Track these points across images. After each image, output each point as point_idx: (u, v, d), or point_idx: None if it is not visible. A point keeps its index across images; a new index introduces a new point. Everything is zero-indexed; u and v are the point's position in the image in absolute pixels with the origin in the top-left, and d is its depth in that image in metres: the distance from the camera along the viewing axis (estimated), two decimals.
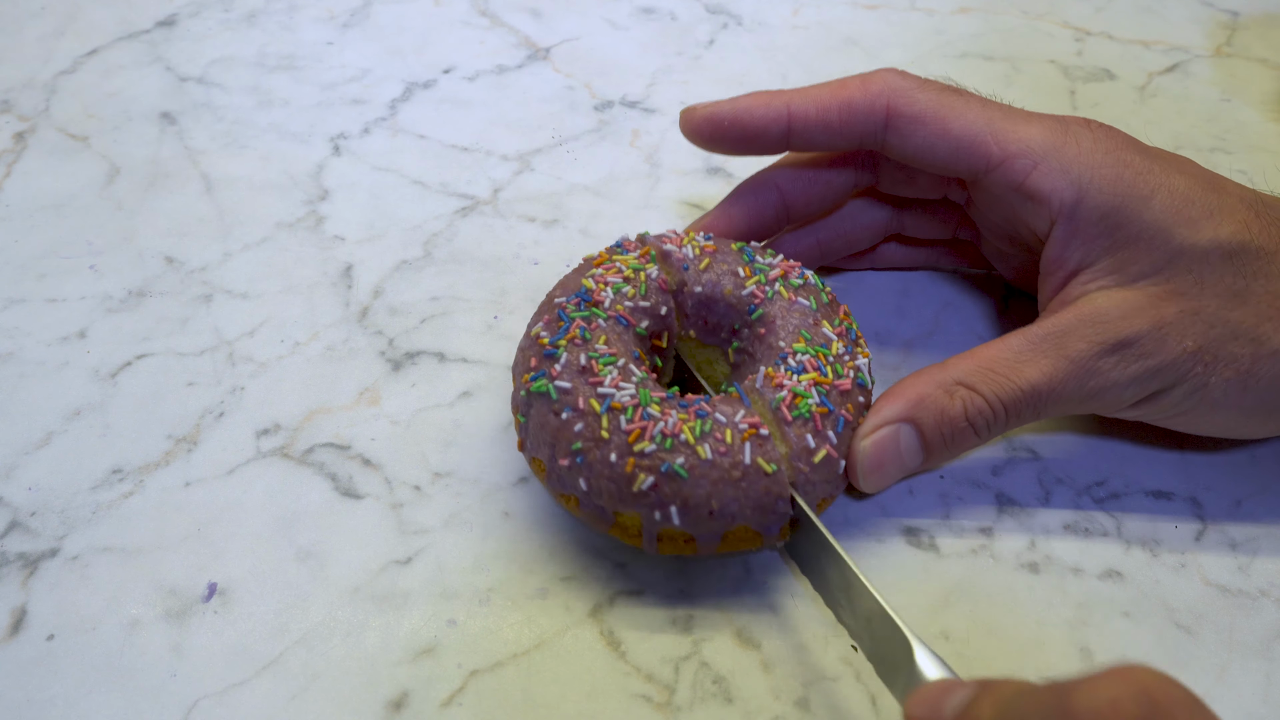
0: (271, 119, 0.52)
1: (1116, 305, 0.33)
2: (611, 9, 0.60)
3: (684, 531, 0.32)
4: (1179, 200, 0.33)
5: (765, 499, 0.31)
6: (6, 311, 0.42)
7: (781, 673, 0.33)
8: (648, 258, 0.36)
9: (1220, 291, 0.33)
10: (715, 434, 0.31)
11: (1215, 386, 0.33)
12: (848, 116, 0.36)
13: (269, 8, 0.59)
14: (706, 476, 0.31)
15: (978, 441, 0.35)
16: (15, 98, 0.53)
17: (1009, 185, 0.35)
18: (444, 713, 0.31)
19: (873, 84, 0.36)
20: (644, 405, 0.32)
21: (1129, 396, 0.34)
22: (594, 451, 0.31)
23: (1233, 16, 0.62)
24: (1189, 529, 0.37)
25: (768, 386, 0.33)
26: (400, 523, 0.36)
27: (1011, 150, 0.35)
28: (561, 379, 0.32)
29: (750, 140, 0.37)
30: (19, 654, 0.32)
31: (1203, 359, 0.33)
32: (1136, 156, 0.34)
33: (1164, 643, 0.34)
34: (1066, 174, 0.34)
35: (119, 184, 0.48)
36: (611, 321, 0.34)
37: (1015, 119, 0.35)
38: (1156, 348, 0.33)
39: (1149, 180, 0.34)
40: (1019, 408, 0.34)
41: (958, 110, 0.35)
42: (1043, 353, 0.34)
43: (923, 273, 0.45)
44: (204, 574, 0.34)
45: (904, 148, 0.36)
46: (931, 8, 0.62)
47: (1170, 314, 0.33)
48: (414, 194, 0.48)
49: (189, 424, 0.39)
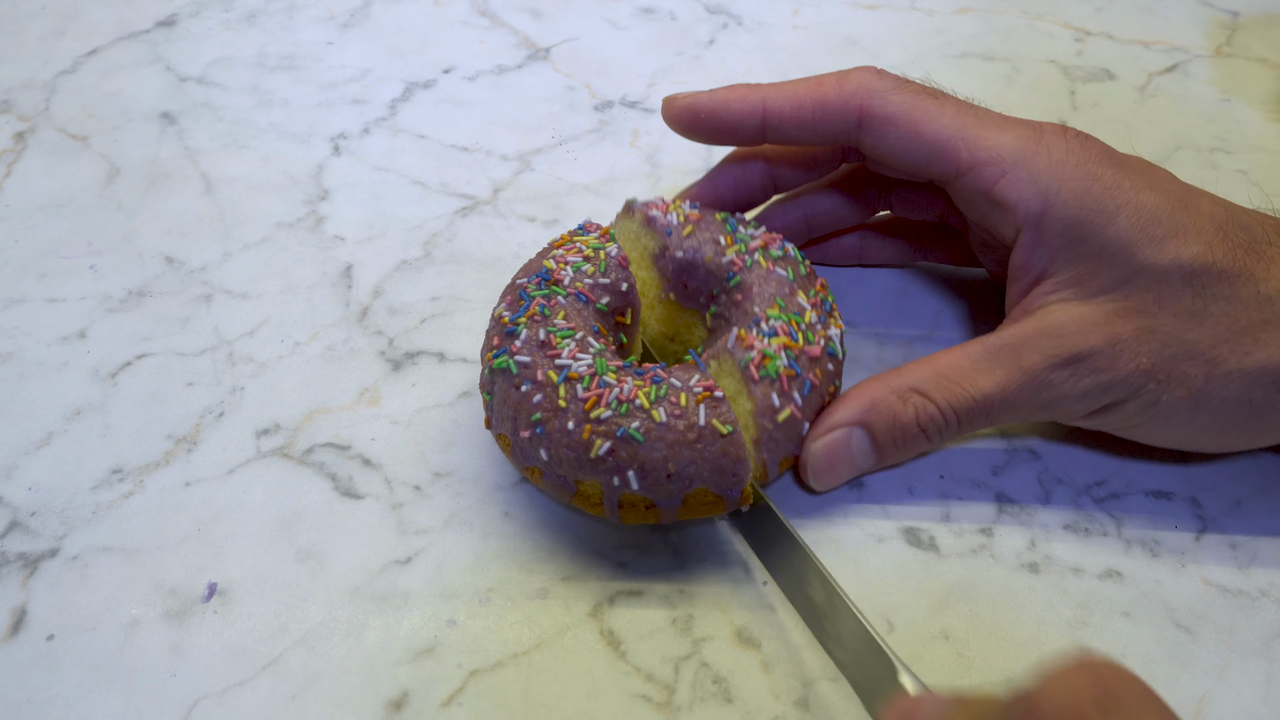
0: (271, 119, 0.52)
1: (1073, 319, 0.34)
2: (611, 9, 0.60)
3: (644, 496, 0.32)
4: (1145, 218, 0.33)
5: (722, 460, 0.32)
6: (6, 311, 0.42)
7: (781, 673, 0.33)
8: (607, 237, 0.37)
9: (1178, 311, 0.33)
10: (670, 398, 0.32)
11: (1167, 404, 0.33)
12: (821, 115, 0.36)
13: (269, 8, 0.59)
14: (662, 439, 0.31)
15: (929, 446, 0.35)
16: (15, 98, 0.53)
17: (977, 191, 0.35)
18: (444, 713, 0.31)
19: (848, 83, 0.36)
20: (600, 374, 0.32)
21: (1081, 409, 0.34)
22: (552, 421, 0.32)
23: (1233, 16, 0.62)
24: (1189, 529, 0.37)
25: (739, 347, 0.34)
26: (400, 523, 0.36)
27: (981, 157, 0.35)
28: (521, 354, 0.33)
29: (727, 132, 0.38)
30: (19, 654, 0.32)
31: (1155, 376, 0.33)
32: (1108, 169, 0.34)
33: (1164, 643, 0.34)
34: (1034, 184, 0.34)
35: (119, 184, 0.48)
36: (571, 298, 0.35)
37: (988, 125, 0.35)
38: (1109, 364, 0.33)
39: (1116, 196, 0.33)
40: (971, 416, 0.34)
41: (931, 114, 0.35)
42: (998, 363, 0.34)
43: (922, 274, 0.45)
44: (204, 574, 0.34)
45: (877, 148, 0.36)
46: (931, 8, 0.62)
47: (1126, 331, 0.33)
48: (414, 194, 0.48)
49: (189, 424, 0.39)
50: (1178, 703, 0.32)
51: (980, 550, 0.36)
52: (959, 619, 0.34)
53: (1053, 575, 0.35)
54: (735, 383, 0.34)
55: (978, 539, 0.36)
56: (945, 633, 0.34)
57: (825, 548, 0.36)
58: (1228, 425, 0.34)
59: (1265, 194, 0.50)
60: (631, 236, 0.39)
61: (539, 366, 0.33)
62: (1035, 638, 0.33)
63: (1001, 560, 0.36)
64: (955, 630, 0.34)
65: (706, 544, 0.36)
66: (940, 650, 0.33)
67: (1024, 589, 0.35)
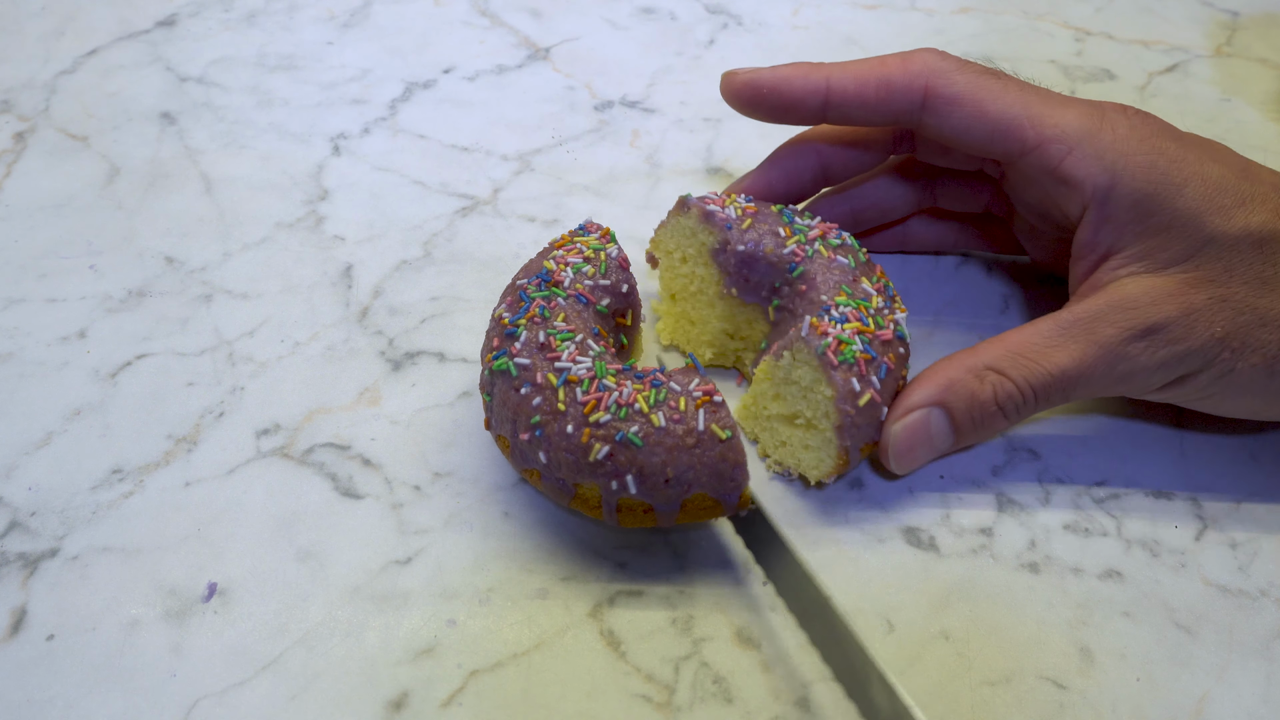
0: (271, 119, 0.52)
1: (1146, 291, 0.34)
2: (611, 9, 0.60)
3: (642, 501, 0.32)
4: (1211, 188, 0.34)
5: (721, 465, 0.32)
6: (6, 311, 0.42)
7: (781, 673, 0.33)
8: (608, 238, 0.37)
9: (1249, 279, 0.33)
10: (670, 402, 0.32)
11: (1242, 372, 0.34)
12: (885, 94, 0.36)
13: (269, 8, 0.59)
14: (661, 444, 0.31)
15: (1007, 425, 0.35)
16: (15, 98, 0.53)
17: (1043, 170, 0.36)
18: (444, 713, 0.31)
19: (913, 63, 0.36)
20: (600, 377, 0.32)
21: (1156, 380, 0.34)
22: (552, 424, 0.32)
23: (1233, 16, 0.62)
24: (1189, 529, 0.37)
25: (813, 334, 0.34)
26: (400, 523, 0.36)
27: (1047, 135, 0.35)
28: (521, 356, 0.33)
29: (787, 109, 0.38)
30: (19, 654, 0.32)
31: (1230, 345, 0.33)
32: (1171, 144, 0.35)
33: (1164, 643, 0.34)
34: (1100, 160, 0.34)
35: (119, 184, 0.48)
36: (571, 300, 0.35)
37: (1052, 103, 0.36)
38: (1185, 334, 0.33)
39: (1183, 169, 0.34)
40: (1048, 392, 0.34)
41: (995, 93, 0.36)
42: (1072, 338, 0.34)
43: (925, 271, 0.45)
44: (204, 574, 0.34)
45: (940, 128, 0.36)
46: (931, 8, 0.62)
47: (1199, 301, 0.33)
48: (414, 194, 0.48)
49: (189, 424, 0.39)
50: (1178, 703, 0.32)
51: (980, 550, 0.36)
52: (959, 619, 0.34)
53: (1053, 575, 0.35)
54: (811, 371, 0.34)
55: (978, 539, 0.36)
56: (945, 633, 0.34)
57: (825, 548, 0.36)
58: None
59: None
60: (687, 233, 0.39)
61: (539, 369, 0.33)
62: (1035, 638, 0.33)
63: (1001, 560, 0.36)
64: (955, 630, 0.34)
65: (707, 545, 0.36)
66: (940, 650, 0.33)
67: (1024, 589, 0.35)
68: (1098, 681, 0.33)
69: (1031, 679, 0.33)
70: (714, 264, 0.38)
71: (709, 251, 0.38)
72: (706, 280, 0.39)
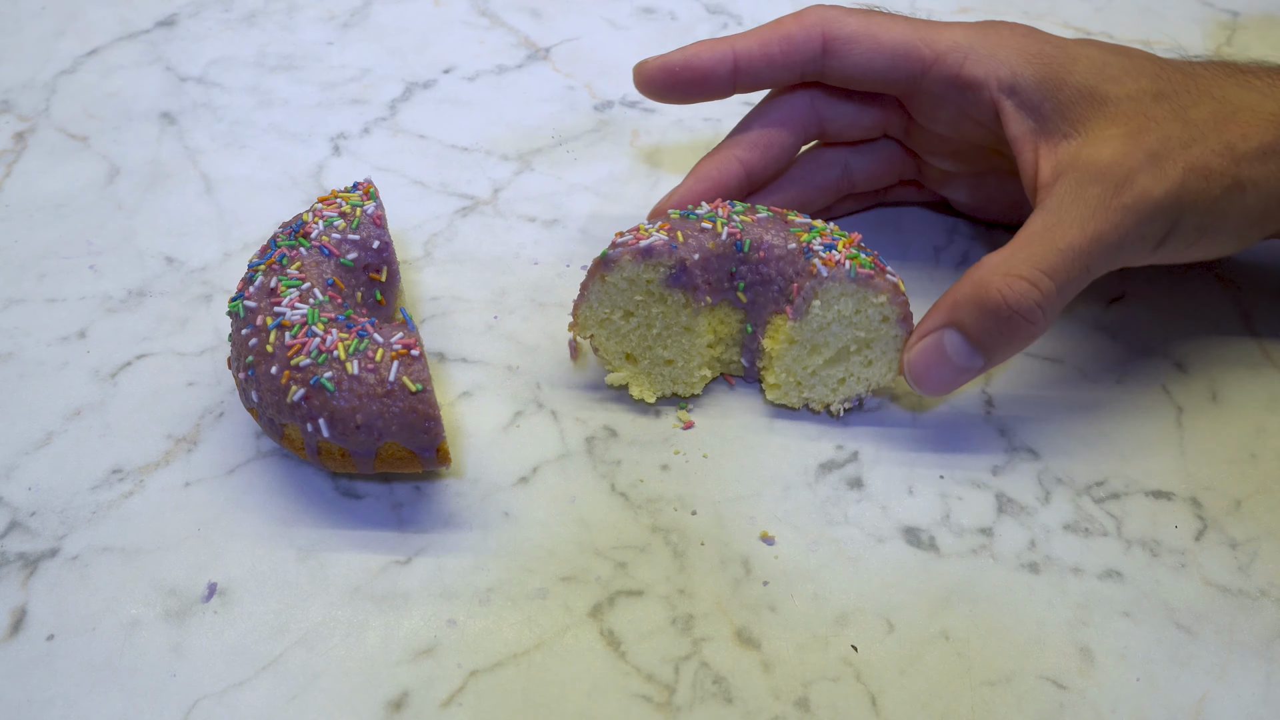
0: (271, 119, 0.52)
1: (1103, 152, 0.35)
2: (611, 9, 0.60)
3: (339, 445, 0.33)
4: (1097, 64, 0.37)
5: (410, 417, 0.33)
6: (6, 311, 0.42)
7: (781, 673, 0.33)
8: (368, 195, 0.39)
9: (1171, 119, 0.35)
10: (367, 352, 0.33)
11: (1220, 202, 0.35)
12: (788, 48, 0.39)
13: (269, 8, 0.59)
14: (353, 391, 0.33)
15: (1034, 327, 0.35)
16: (15, 98, 0.53)
17: (945, 81, 0.38)
18: (444, 713, 0.31)
19: (806, 16, 0.39)
20: (310, 324, 0.34)
21: (1159, 225, 0.35)
22: (261, 365, 0.34)
23: (1233, 16, 0.62)
24: (1189, 529, 0.37)
25: (830, 269, 0.36)
26: (400, 523, 0.36)
27: (941, 49, 0.38)
28: (251, 299, 0.35)
29: (701, 83, 0.40)
30: (19, 654, 0.32)
31: (1199, 172, 0.34)
32: (1050, 39, 0.38)
33: (1164, 643, 0.34)
34: (994, 58, 0.37)
35: (119, 184, 0.48)
36: (314, 251, 0.36)
37: (940, 27, 0.39)
38: (1161, 171, 0.34)
39: (1067, 51, 0.37)
40: (1065, 272, 0.34)
41: (886, 26, 0.38)
42: (1064, 217, 0.35)
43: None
44: (204, 574, 0.34)
45: (843, 68, 0.39)
46: (931, 8, 0.62)
47: (1151, 141, 0.35)
48: (414, 194, 0.48)
49: (189, 424, 0.39)
50: (1178, 703, 0.32)
51: (980, 550, 0.36)
52: (959, 619, 0.34)
53: (1053, 575, 0.35)
54: (852, 297, 0.36)
55: (978, 539, 0.36)
56: (945, 633, 0.34)
57: (825, 548, 0.36)
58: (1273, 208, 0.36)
59: None
60: (622, 288, 0.37)
61: (260, 313, 0.34)
62: (1035, 638, 0.33)
63: (1001, 560, 0.36)
64: (955, 630, 0.34)
65: (707, 544, 0.36)
66: (940, 650, 0.33)
67: (1024, 589, 0.35)
68: (1098, 681, 0.33)
69: (1031, 679, 0.33)
70: (674, 291, 0.37)
71: (661, 284, 0.37)
72: (670, 312, 0.37)
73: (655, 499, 0.37)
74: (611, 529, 0.36)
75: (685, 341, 0.38)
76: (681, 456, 0.38)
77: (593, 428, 0.39)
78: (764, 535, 0.36)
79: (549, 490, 0.37)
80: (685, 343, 0.38)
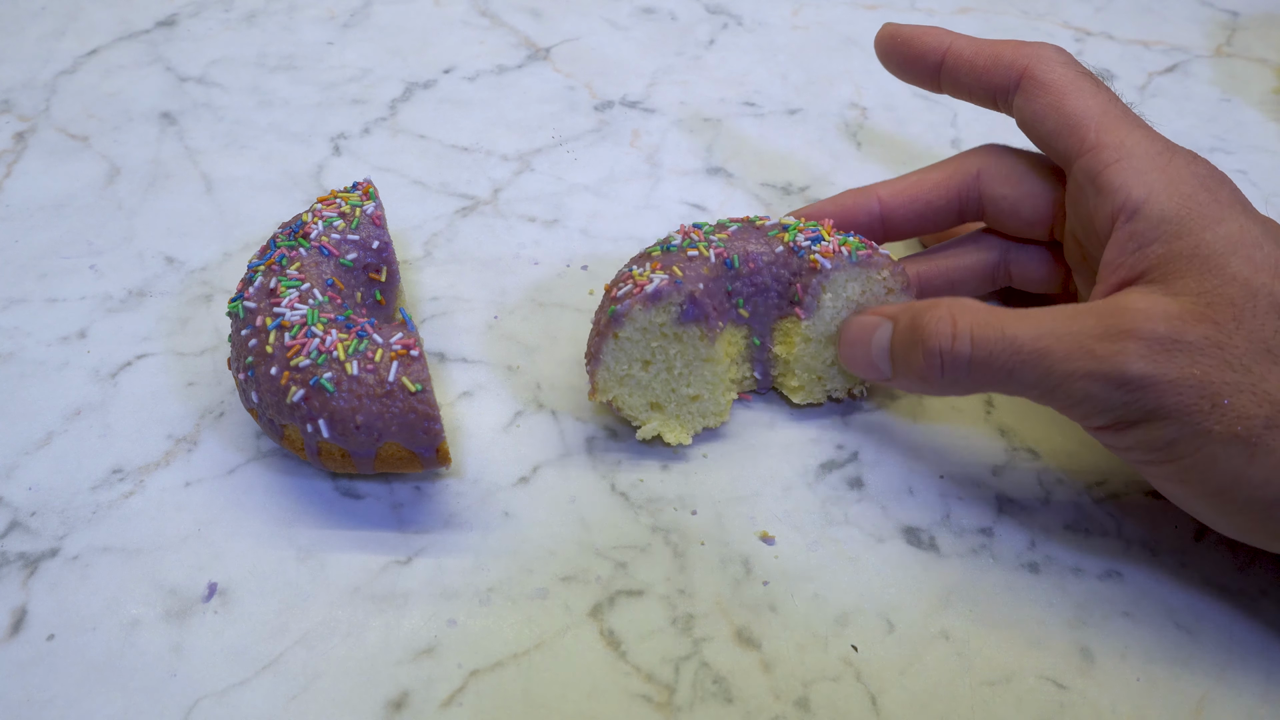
0: (271, 119, 0.52)
1: (1143, 302, 0.31)
2: (611, 9, 0.60)
3: (338, 445, 0.33)
4: (1247, 239, 0.31)
5: (410, 417, 0.33)
6: (6, 311, 0.42)
7: (781, 673, 0.33)
8: (367, 195, 0.39)
9: (1256, 340, 0.29)
10: (367, 353, 0.33)
11: (1217, 438, 0.29)
12: (992, 65, 0.37)
13: (269, 8, 0.59)
14: (352, 391, 0.33)
15: (930, 373, 0.33)
16: (15, 98, 0.53)
17: (1088, 175, 0.34)
18: (444, 713, 0.31)
19: (1026, 46, 0.37)
20: (310, 324, 0.34)
21: (1113, 403, 0.30)
22: (261, 366, 0.34)
23: (1233, 16, 0.62)
24: (1189, 529, 0.37)
25: (831, 259, 0.37)
26: (400, 523, 0.36)
27: (1105, 141, 0.34)
28: (250, 300, 0.35)
29: (910, 62, 0.40)
30: (19, 654, 0.32)
31: (1209, 396, 0.29)
32: (1223, 191, 0.32)
33: (1164, 643, 0.34)
34: (1141, 176, 0.33)
35: (119, 184, 0.48)
36: (313, 251, 0.36)
37: (1129, 121, 0.35)
38: (1164, 358, 0.29)
39: (1224, 211, 0.32)
40: (989, 353, 0.32)
41: (1081, 92, 0.35)
42: (1046, 318, 0.32)
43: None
44: (204, 574, 0.34)
45: (1024, 110, 0.37)
46: (931, 8, 0.62)
47: (1194, 333, 0.30)
48: (414, 194, 0.48)
49: (189, 424, 0.39)
50: (1177, 703, 0.32)
51: (980, 550, 0.36)
52: (959, 619, 0.34)
53: (1053, 575, 0.35)
54: (858, 281, 0.37)
55: (978, 539, 0.36)
56: (945, 633, 0.34)
57: (826, 548, 0.36)
58: (1275, 501, 0.30)
59: (1264, 194, 0.50)
60: (637, 339, 0.36)
61: (260, 313, 0.34)
62: (1035, 638, 0.33)
63: (1001, 560, 0.36)
64: (955, 630, 0.34)
65: (706, 544, 0.36)
66: (940, 650, 0.33)
67: (1024, 589, 0.35)
68: (1098, 681, 0.33)
69: (1031, 679, 0.33)
70: (688, 326, 0.36)
71: (674, 324, 0.36)
72: (687, 349, 0.37)
73: (655, 499, 0.37)
74: (611, 529, 0.36)
75: (707, 372, 0.37)
76: (681, 456, 0.38)
77: (593, 428, 0.39)
78: (764, 535, 0.36)
79: (549, 490, 0.37)
80: (708, 373, 0.37)
